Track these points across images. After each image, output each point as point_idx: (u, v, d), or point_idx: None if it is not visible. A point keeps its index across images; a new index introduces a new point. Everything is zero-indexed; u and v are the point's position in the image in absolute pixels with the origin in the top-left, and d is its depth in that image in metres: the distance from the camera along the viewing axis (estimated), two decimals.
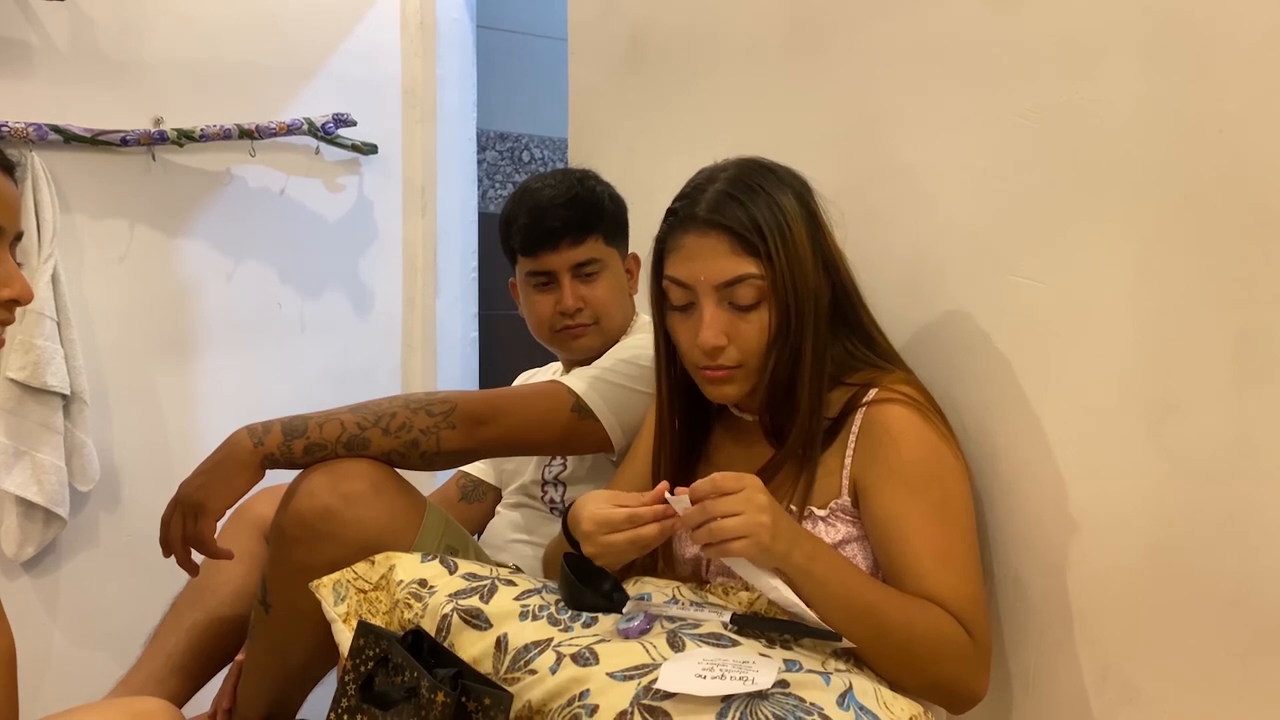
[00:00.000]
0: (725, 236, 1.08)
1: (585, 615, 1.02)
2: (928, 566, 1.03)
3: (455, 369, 2.62)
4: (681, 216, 1.12)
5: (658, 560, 1.21)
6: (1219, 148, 0.93)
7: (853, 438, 1.09)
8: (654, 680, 0.87)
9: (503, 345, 2.74)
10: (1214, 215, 0.94)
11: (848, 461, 1.10)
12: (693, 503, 0.97)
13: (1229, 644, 0.94)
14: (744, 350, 1.10)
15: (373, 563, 1.12)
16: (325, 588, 1.11)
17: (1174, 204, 0.97)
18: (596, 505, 1.03)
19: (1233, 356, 0.93)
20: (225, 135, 2.23)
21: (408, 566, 1.10)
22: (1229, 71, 0.93)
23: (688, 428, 1.21)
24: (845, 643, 0.98)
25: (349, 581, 1.11)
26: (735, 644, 0.95)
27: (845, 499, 1.09)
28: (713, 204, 1.09)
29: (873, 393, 1.10)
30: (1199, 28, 0.95)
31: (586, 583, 1.05)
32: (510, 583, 1.08)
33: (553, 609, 1.03)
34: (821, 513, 1.09)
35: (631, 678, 0.90)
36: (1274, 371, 0.90)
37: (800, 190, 1.13)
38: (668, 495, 0.99)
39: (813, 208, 1.13)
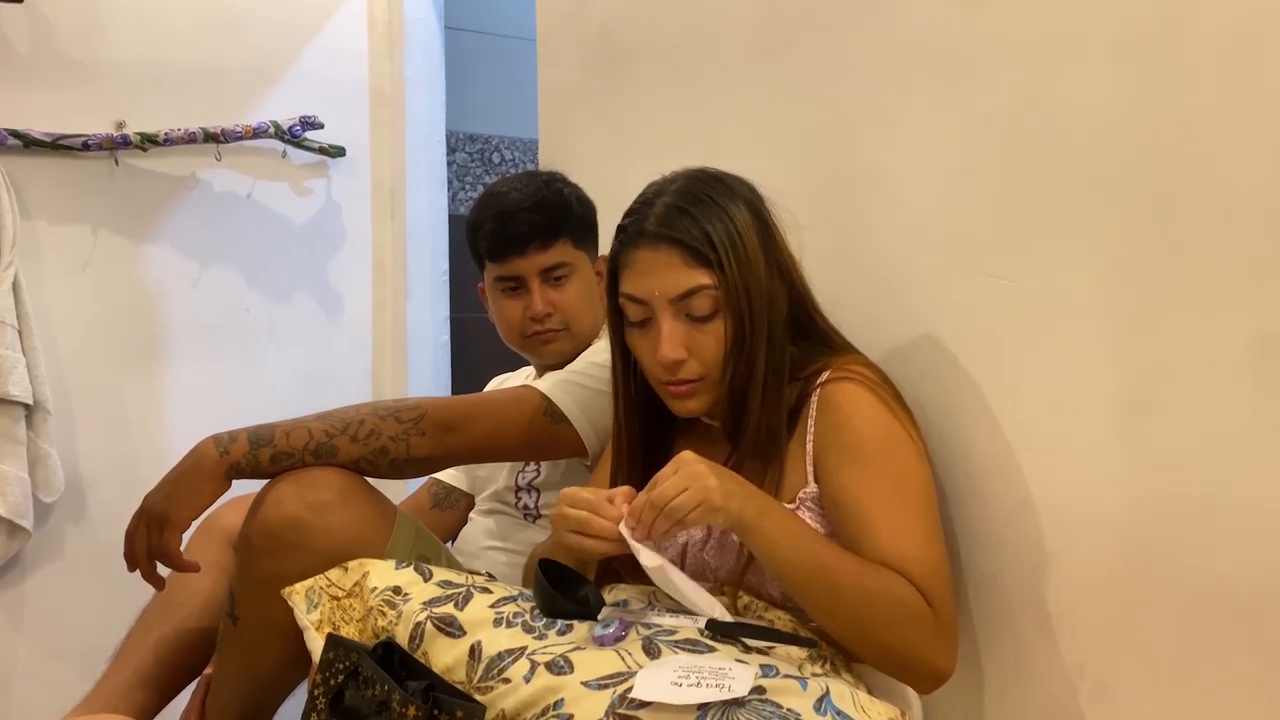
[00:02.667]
0: (676, 249, 1.08)
1: (560, 622, 1.01)
2: (884, 537, 1.02)
3: (427, 373, 2.60)
4: (631, 232, 1.12)
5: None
6: (1186, 146, 0.94)
7: (811, 421, 1.10)
8: (629, 689, 0.86)
9: (475, 348, 2.72)
10: (1181, 213, 0.94)
11: (809, 447, 1.10)
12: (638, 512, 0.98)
13: (1202, 639, 0.94)
14: (704, 361, 1.10)
15: (346, 569, 1.11)
16: (298, 594, 1.10)
17: (1141, 202, 0.98)
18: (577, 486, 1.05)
19: (1202, 352, 0.93)
20: (190, 139, 2.20)
21: (381, 573, 1.09)
22: (1195, 71, 0.93)
23: (648, 442, 1.21)
24: (811, 616, 0.98)
25: (322, 588, 1.10)
26: (712, 650, 0.94)
27: (812, 487, 1.09)
28: (662, 218, 1.10)
29: (825, 374, 1.11)
30: (1165, 28, 0.95)
31: (562, 589, 1.04)
32: (486, 590, 1.07)
33: (527, 616, 1.02)
34: (790, 506, 1.09)
35: (606, 686, 0.89)
36: (1243, 367, 0.90)
37: (750, 198, 1.13)
38: (623, 531, 1.00)
39: (764, 214, 1.13)
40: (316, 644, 1.05)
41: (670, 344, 1.09)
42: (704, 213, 1.09)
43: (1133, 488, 0.99)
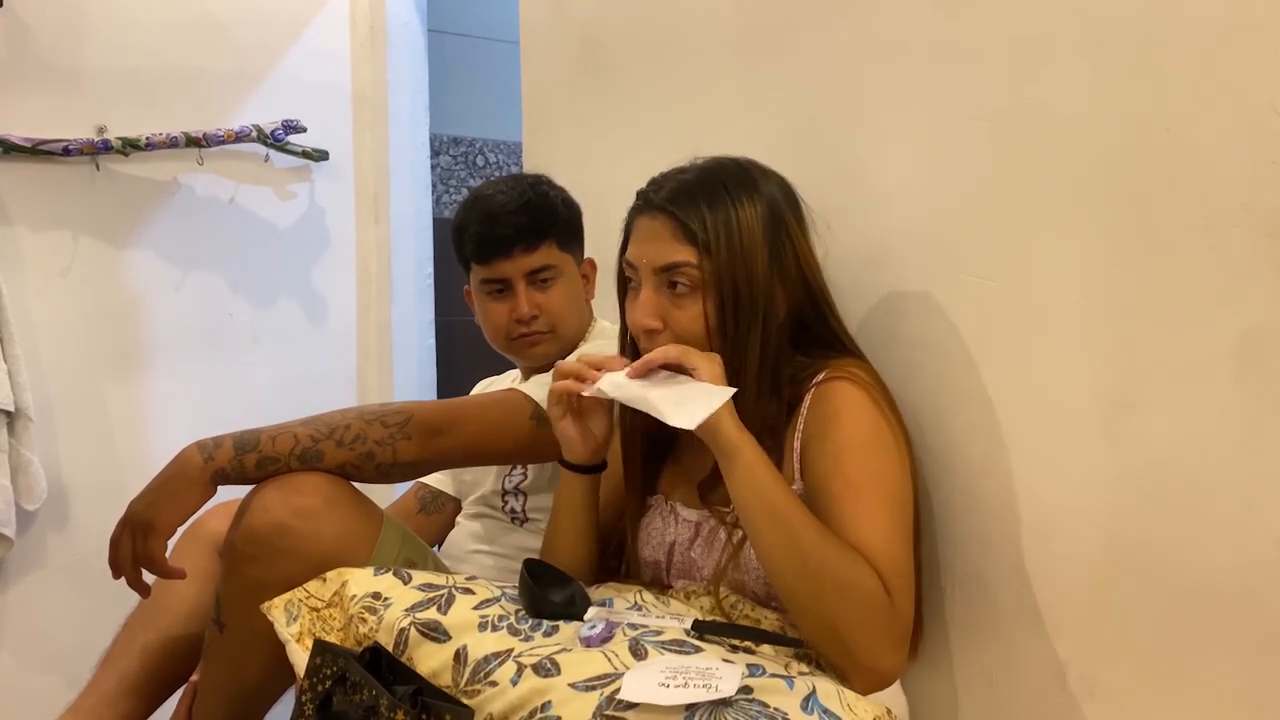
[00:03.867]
0: (669, 222, 1.11)
1: (546, 623, 1.01)
2: (851, 525, 1.01)
3: (412, 377, 2.59)
4: (640, 201, 1.16)
5: (623, 564, 1.21)
6: (1167, 146, 0.94)
7: (801, 419, 1.11)
8: (616, 690, 0.86)
9: (460, 352, 2.72)
10: (1162, 212, 0.95)
11: (796, 443, 1.10)
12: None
13: (1185, 635, 0.95)
14: (678, 336, 1.11)
15: (324, 580, 1.10)
16: (277, 608, 1.09)
17: (1123, 201, 0.98)
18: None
19: (1184, 352, 0.94)
20: (172, 143, 2.20)
21: (360, 581, 1.08)
22: (1175, 70, 0.94)
23: (652, 435, 1.21)
24: (766, 571, 0.99)
25: (301, 600, 1.09)
26: (698, 650, 0.94)
27: (798, 484, 1.10)
28: (671, 192, 1.12)
29: (822, 374, 1.11)
30: (1144, 27, 0.96)
31: (547, 590, 1.04)
32: (468, 591, 1.06)
33: (512, 618, 1.01)
34: None
35: (594, 688, 0.89)
36: (1223, 366, 0.91)
37: (774, 195, 1.14)
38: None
39: (783, 216, 1.13)
40: (299, 657, 1.04)
41: (644, 310, 1.11)
42: (710, 197, 1.11)
43: (1116, 486, 1.00)
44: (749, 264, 1.09)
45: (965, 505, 1.15)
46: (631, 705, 0.85)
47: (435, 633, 1.00)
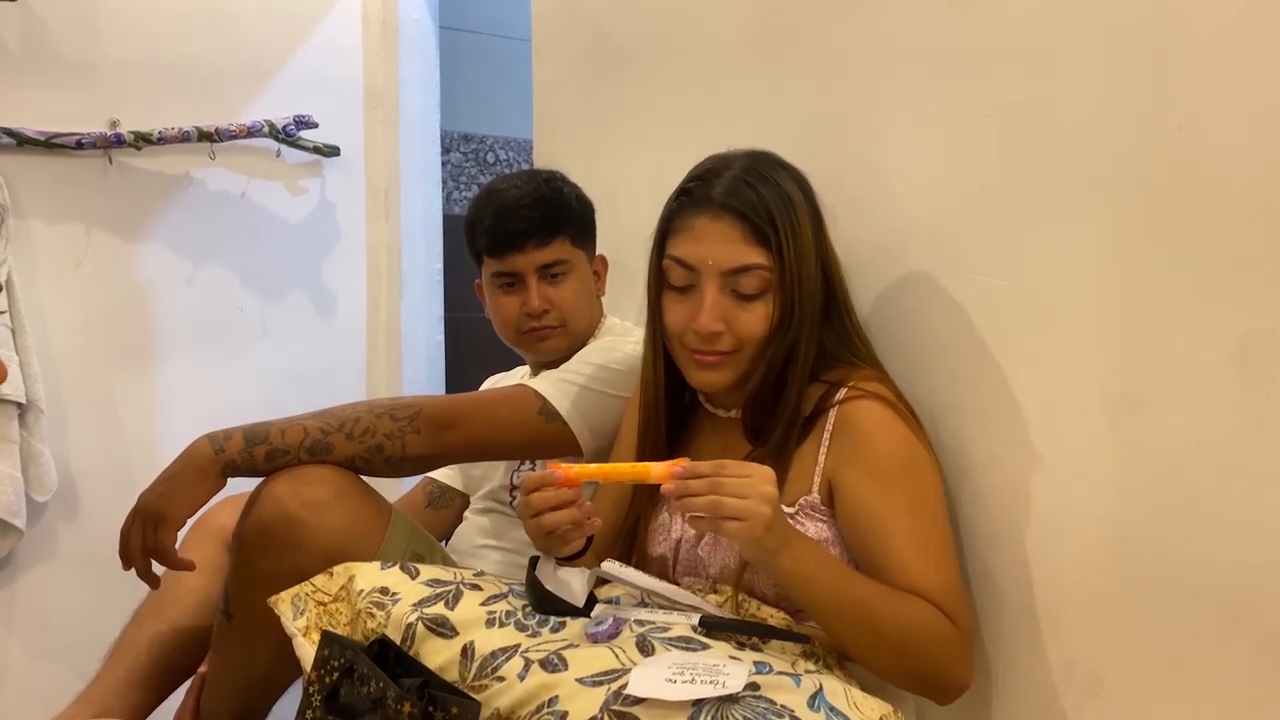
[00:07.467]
0: (738, 223, 1.09)
1: (553, 619, 1.01)
2: (909, 558, 1.03)
3: (420, 373, 2.60)
4: (696, 197, 1.12)
5: (630, 560, 1.21)
6: (1178, 144, 0.94)
7: (827, 435, 1.10)
8: (624, 685, 0.87)
9: (469, 348, 2.72)
10: (1173, 211, 0.95)
11: (821, 459, 1.10)
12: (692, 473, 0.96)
13: (1191, 635, 0.95)
14: (740, 338, 1.10)
15: (331, 574, 1.10)
16: (284, 602, 1.10)
17: (1134, 200, 0.98)
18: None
19: (1192, 350, 0.94)
20: (184, 138, 2.20)
21: (368, 575, 1.08)
22: (1187, 69, 0.94)
23: (671, 430, 1.22)
24: (815, 629, 0.97)
25: (308, 594, 1.10)
26: (705, 647, 0.95)
27: (814, 496, 1.09)
28: (729, 188, 1.10)
29: (844, 391, 1.11)
30: (1157, 26, 0.96)
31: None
32: (476, 586, 1.06)
33: (520, 614, 1.02)
34: (789, 510, 1.09)
35: (601, 683, 0.89)
36: (1232, 364, 0.91)
37: (804, 186, 1.14)
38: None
39: (816, 205, 1.14)
40: (305, 651, 1.04)
41: (711, 315, 1.09)
42: (769, 191, 1.09)
43: (1123, 485, 1.00)
44: (807, 260, 1.10)
45: (973, 503, 1.15)
46: (639, 700, 0.85)
47: (442, 628, 1.00)
